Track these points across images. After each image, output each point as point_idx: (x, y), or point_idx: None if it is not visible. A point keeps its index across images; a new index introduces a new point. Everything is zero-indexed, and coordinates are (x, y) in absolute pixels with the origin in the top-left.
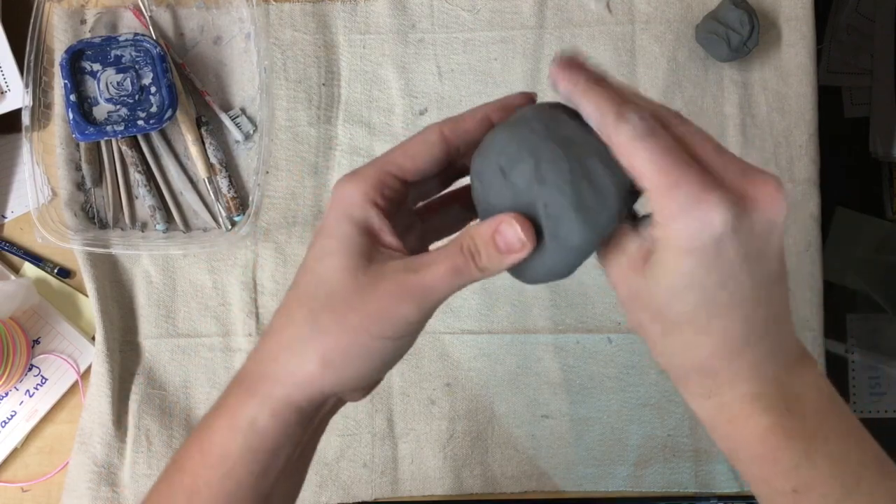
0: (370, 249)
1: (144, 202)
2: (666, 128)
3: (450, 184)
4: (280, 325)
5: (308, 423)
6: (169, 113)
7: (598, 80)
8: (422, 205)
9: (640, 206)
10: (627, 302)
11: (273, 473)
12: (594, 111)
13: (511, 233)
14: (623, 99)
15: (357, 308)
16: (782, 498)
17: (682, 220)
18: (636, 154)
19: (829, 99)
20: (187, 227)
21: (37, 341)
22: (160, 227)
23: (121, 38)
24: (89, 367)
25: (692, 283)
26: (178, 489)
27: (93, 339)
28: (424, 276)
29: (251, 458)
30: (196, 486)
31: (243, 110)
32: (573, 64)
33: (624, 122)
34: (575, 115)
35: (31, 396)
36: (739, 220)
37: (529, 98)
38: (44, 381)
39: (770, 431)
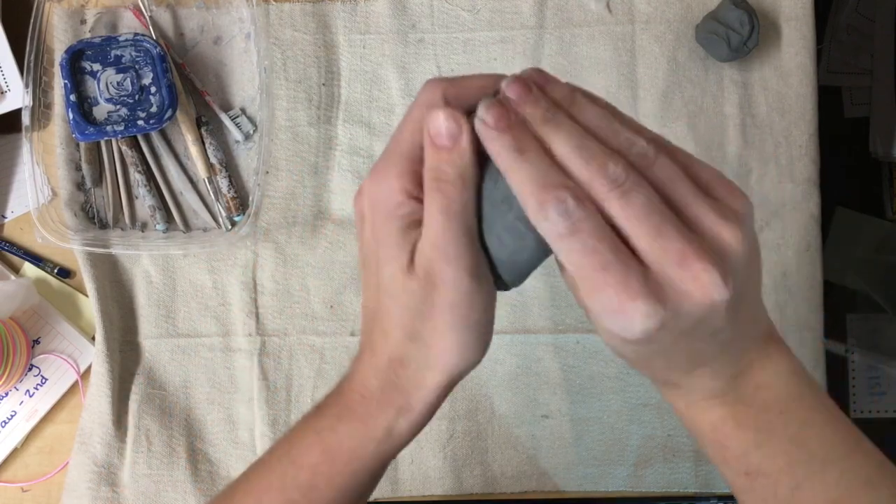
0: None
1: (144, 202)
2: (641, 172)
3: None
4: (380, 345)
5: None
6: (169, 113)
7: (525, 146)
8: None
9: None
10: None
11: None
12: (518, 194)
13: (435, 122)
14: (549, 181)
15: (439, 296)
16: (739, 479)
17: (606, 319)
18: (557, 250)
19: (829, 99)
20: (187, 227)
21: (37, 341)
22: (160, 227)
23: (121, 38)
24: (89, 367)
25: (632, 355)
26: (291, 482)
27: (93, 339)
28: (427, 232)
29: (379, 464)
30: (314, 482)
31: (243, 110)
32: (501, 116)
33: (542, 217)
34: None
35: (31, 396)
36: (663, 321)
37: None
38: (44, 381)
39: (721, 422)
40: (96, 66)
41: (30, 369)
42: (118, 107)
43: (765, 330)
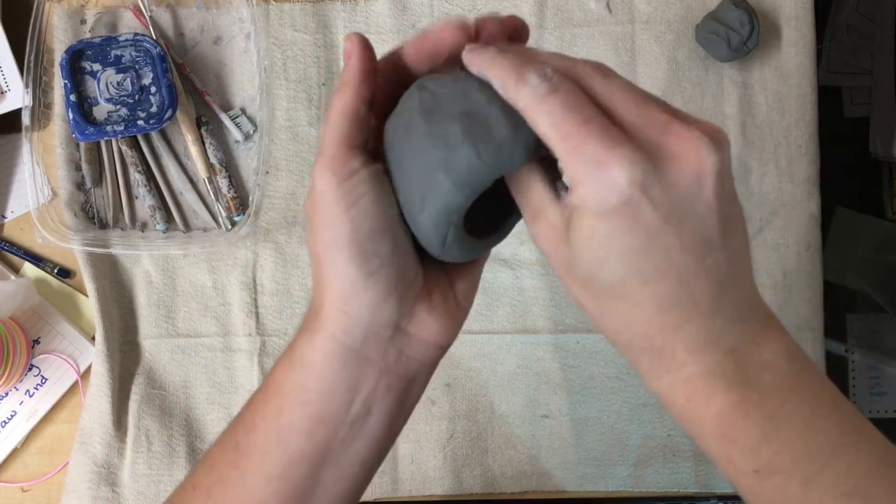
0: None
1: (144, 202)
2: (580, 84)
3: None
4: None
5: (363, 364)
6: (169, 113)
7: (505, 49)
8: None
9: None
10: (561, 274)
11: (330, 423)
12: (497, 80)
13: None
14: (526, 60)
15: (331, 215)
16: (746, 478)
17: (587, 182)
18: (538, 117)
19: (829, 99)
20: (187, 227)
21: (37, 341)
22: (160, 227)
23: (121, 38)
24: (89, 367)
25: (612, 250)
26: (239, 425)
27: (93, 339)
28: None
29: (303, 397)
30: (254, 421)
31: (243, 110)
32: (485, 44)
33: (523, 84)
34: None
35: (31, 396)
36: (649, 177)
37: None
38: (44, 381)
39: (727, 411)
40: (96, 66)
41: (30, 369)
42: (118, 107)
43: (762, 309)
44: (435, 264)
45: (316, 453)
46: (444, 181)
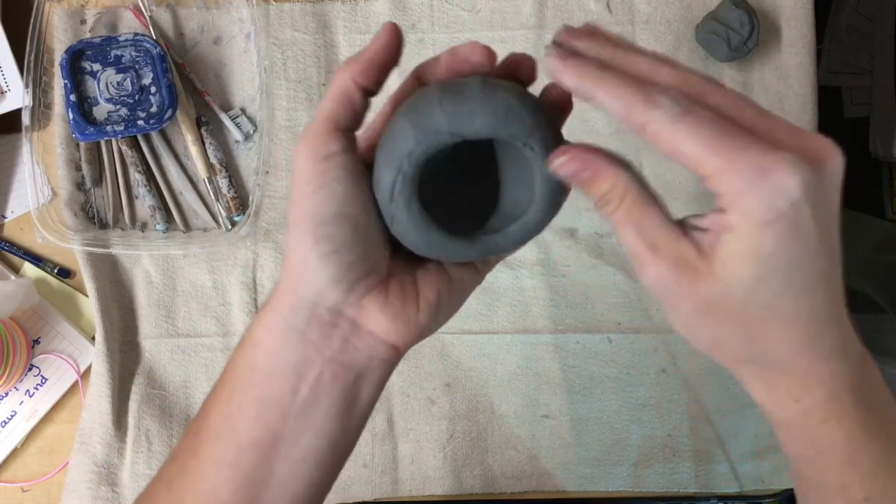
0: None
1: (144, 202)
2: (699, 101)
3: None
4: None
5: (307, 346)
6: (169, 113)
7: (606, 65)
8: None
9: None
10: (697, 318)
11: (277, 408)
12: (615, 101)
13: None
14: (645, 81)
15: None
16: None
17: (753, 192)
18: (679, 138)
19: (829, 99)
20: (187, 227)
21: (37, 341)
22: (160, 227)
23: (121, 38)
24: (89, 367)
25: (776, 263)
26: (200, 411)
27: (93, 339)
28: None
29: (251, 378)
30: (209, 406)
31: (243, 110)
32: (572, 52)
33: (655, 107)
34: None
35: (31, 396)
36: (813, 178)
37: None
38: (44, 381)
39: (856, 432)
40: (96, 66)
41: (30, 369)
42: (118, 107)
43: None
44: (407, 266)
45: (266, 441)
46: (403, 123)
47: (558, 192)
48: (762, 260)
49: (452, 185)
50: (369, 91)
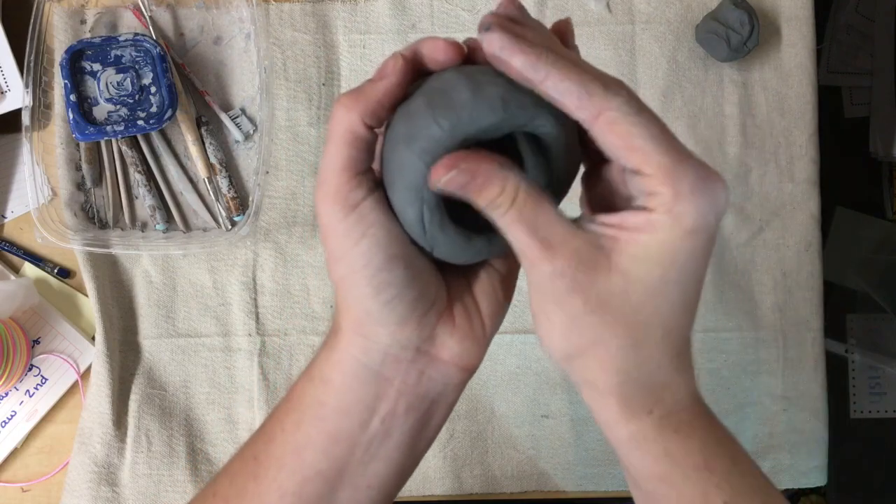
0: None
1: (144, 202)
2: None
3: None
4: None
5: (381, 384)
6: (169, 113)
7: (558, 53)
8: None
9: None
10: (583, 318)
11: (346, 441)
12: (573, 86)
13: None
14: (597, 73)
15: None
16: None
17: (692, 198)
18: (635, 132)
19: (829, 99)
20: (187, 227)
21: (37, 341)
22: (160, 227)
23: (121, 38)
24: (89, 367)
25: (680, 274)
26: (260, 436)
27: (93, 339)
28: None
29: (321, 412)
30: (273, 433)
31: (243, 110)
32: (518, 40)
33: (615, 96)
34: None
35: (31, 396)
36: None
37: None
38: (44, 381)
39: (708, 438)
40: (96, 66)
41: (30, 369)
42: (118, 107)
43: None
44: (461, 284)
45: (332, 472)
46: (407, 155)
47: (578, 154)
48: (672, 267)
49: None
50: (374, 125)
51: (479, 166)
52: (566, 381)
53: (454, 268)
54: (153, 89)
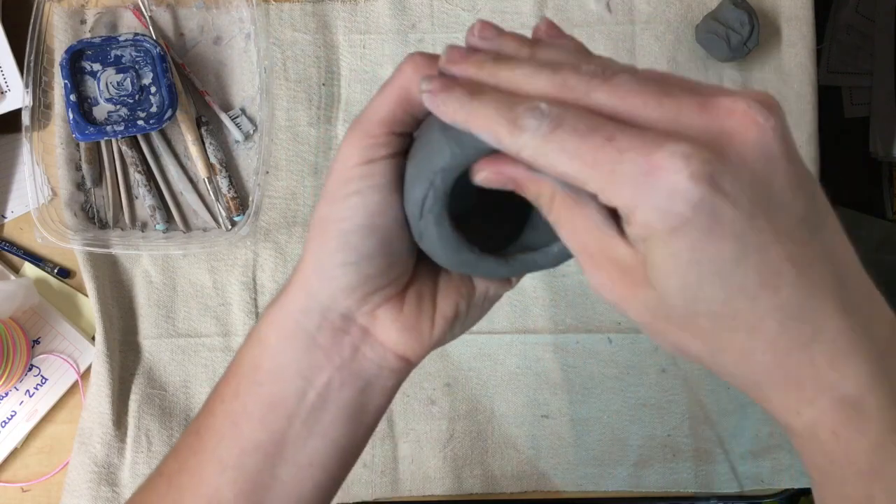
0: None
1: (144, 202)
2: (582, 104)
3: None
4: None
5: (315, 351)
6: (169, 113)
7: (477, 90)
8: None
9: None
10: (647, 324)
11: (283, 410)
12: (487, 134)
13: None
14: (508, 97)
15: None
16: None
17: (642, 202)
18: (551, 158)
19: (829, 99)
20: (187, 227)
21: (37, 341)
22: (160, 227)
23: (121, 38)
24: (89, 367)
25: (702, 272)
26: (203, 408)
27: (93, 339)
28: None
29: (257, 377)
30: (213, 405)
31: (243, 110)
32: (442, 80)
33: (521, 131)
34: None
35: (31, 396)
36: (712, 166)
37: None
38: (44, 381)
39: (885, 441)
40: (96, 66)
41: (30, 369)
42: (118, 107)
43: (880, 296)
44: (430, 276)
45: (270, 444)
46: (438, 136)
47: None
48: (685, 269)
49: (484, 198)
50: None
51: (516, 171)
52: (566, 381)
53: (431, 261)
54: (153, 89)
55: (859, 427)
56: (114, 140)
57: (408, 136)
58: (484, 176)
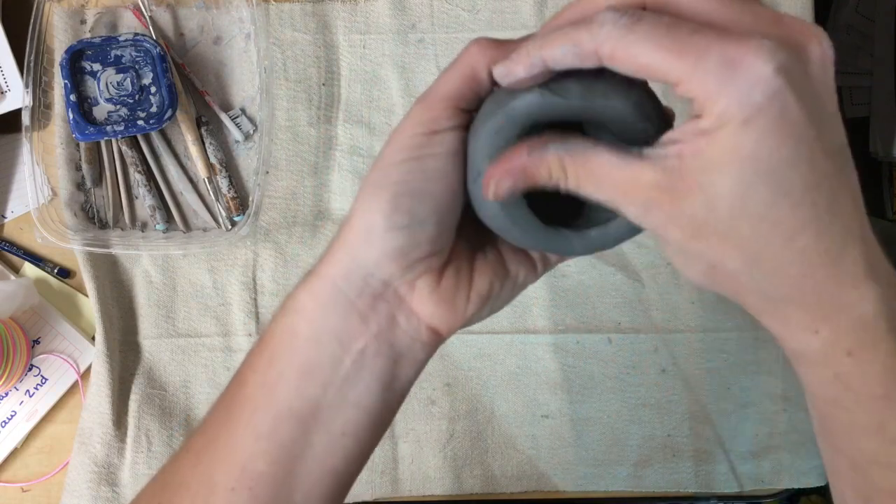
0: None
1: (144, 202)
2: (658, 8)
3: None
4: None
5: (353, 318)
6: (169, 113)
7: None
8: None
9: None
10: (690, 245)
11: (319, 377)
12: (566, 46)
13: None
14: (581, 12)
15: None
16: (892, 447)
17: (725, 89)
18: (635, 51)
19: None
20: (187, 227)
21: (37, 341)
22: (160, 227)
23: (121, 38)
24: (89, 367)
25: (760, 166)
26: (232, 382)
27: (93, 339)
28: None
29: (293, 343)
30: (245, 376)
31: (243, 110)
32: (501, 50)
33: (598, 26)
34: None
35: (31, 396)
36: (793, 61)
37: None
38: (44, 381)
39: (890, 368)
40: (96, 66)
41: (30, 369)
42: (118, 107)
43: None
44: (467, 255)
45: (305, 411)
46: (507, 99)
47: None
48: (744, 164)
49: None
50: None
51: (511, 164)
52: (566, 381)
53: (469, 237)
54: (153, 89)
55: (871, 348)
56: (114, 140)
57: (470, 113)
58: (493, 184)
